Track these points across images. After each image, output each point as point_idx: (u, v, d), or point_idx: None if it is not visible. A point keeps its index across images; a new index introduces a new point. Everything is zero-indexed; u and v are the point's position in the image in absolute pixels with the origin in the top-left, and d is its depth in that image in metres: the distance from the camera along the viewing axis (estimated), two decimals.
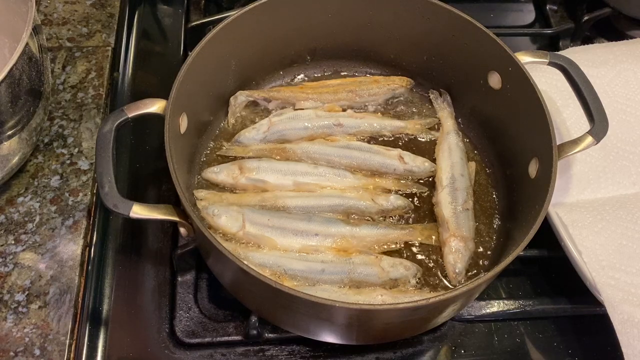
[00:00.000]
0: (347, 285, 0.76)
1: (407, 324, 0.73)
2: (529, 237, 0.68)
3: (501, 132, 0.88)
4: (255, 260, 0.77)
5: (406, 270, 0.78)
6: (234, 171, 0.85)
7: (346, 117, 0.91)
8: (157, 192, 0.90)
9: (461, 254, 0.79)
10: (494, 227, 0.84)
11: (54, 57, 0.96)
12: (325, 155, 0.87)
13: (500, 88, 0.85)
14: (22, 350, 0.73)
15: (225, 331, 0.79)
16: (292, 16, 0.90)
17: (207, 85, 0.86)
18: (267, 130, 0.90)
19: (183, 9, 1.12)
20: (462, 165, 0.87)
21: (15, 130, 0.76)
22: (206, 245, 0.69)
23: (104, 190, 0.69)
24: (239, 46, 0.88)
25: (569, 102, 0.90)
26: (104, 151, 0.71)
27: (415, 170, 0.88)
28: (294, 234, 0.79)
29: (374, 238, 0.81)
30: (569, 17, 1.16)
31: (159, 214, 0.70)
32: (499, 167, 0.89)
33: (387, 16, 0.91)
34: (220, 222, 0.79)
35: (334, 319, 0.68)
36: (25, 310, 0.75)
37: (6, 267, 0.78)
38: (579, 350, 0.82)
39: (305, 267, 0.76)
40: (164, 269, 0.83)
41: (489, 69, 0.86)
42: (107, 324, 0.79)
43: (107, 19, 1.02)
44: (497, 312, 0.83)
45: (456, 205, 0.83)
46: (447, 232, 0.81)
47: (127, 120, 0.74)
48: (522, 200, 0.80)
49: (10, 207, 0.82)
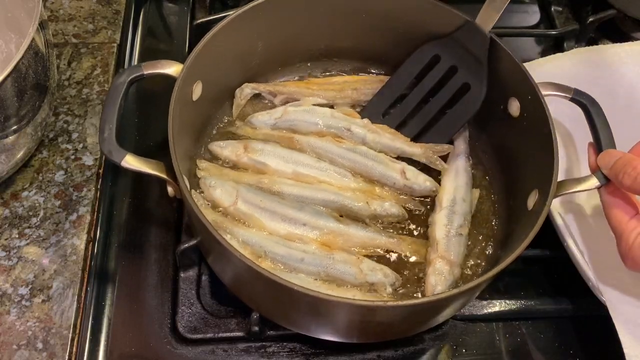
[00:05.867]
0: (323, 279, 0.77)
1: (408, 322, 0.73)
2: (527, 240, 0.67)
3: (512, 161, 0.86)
4: (239, 236, 0.78)
5: (384, 277, 0.77)
6: (238, 149, 0.86)
7: (359, 126, 0.90)
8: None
9: (444, 277, 0.77)
10: (486, 254, 0.83)
11: (59, 53, 0.96)
12: (330, 153, 0.87)
13: (518, 116, 0.83)
14: (25, 344, 0.73)
15: (227, 327, 0.79)
16: (306, 13, 0.90)
17: (229, 60, 0.87)
18: (279, 117, 0.90)
19: (188, 6, 1.12)
20: (466, 191, 0.85)
21: (21, 125, 0.77)
22: (189, 211, 0.70)
23: (103, 135, 0.71)
24: (267, 29, 0.88)
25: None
26: (113, 101, 0.73)
27: (415, 188, 0.86)
28: (282, 220, 0.80)
29: (360, 240, 0.81)
30: (574, 19, 1.16)
31: (149, 168, 0.71)
32: (504, 195, 0.87)
33: (406, 27, 0.90)
34: (215, 193, 0.81)
35: (318, 312, 0.68)
36: (28, 304, 0.76)
37: (10, 261, 0.78)
38: (580, 350, 0.82)
39: (286, 252, 0.77)
40: (167, 265, 0.84)
41: (510, 95, 0.84)
42: (110, 319, 0.79)
43: (113, 15, 1.03)
44: (499, 311, 0.83)
45: (450, 228, 0.81)
46: (435, 252, 0.79)
47: (141, 76, 0.76)
48: (516, 230, 0.79)
49: (15, 201, 0.83)
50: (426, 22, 0.89)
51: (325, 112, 0.91)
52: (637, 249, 0.68)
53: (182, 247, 0.78)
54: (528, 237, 0.67)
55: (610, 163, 0.72)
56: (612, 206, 0.72)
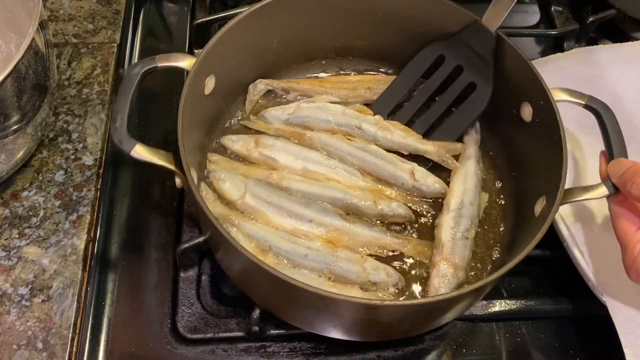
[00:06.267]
0: (326, 276, 0.77)
1: (408, 323, 0.73)
2: (530, 246, 0.67)
3: (522, 166, 0.85)
4: (245, 230, 0.78)
5: (387, 277, 0.77)
6: (249, 143, 0.87)
7: (370, 123, 0.89)
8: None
9: (447, 280, 0.77)
10: (492, 259, 0.82)
11: (59, 53, 0.96)
12: (340, 151, 0.87)
13: (530, 121, 0.83)
14: (25, 344, 0.73)
15: (227, 327, 0.79)
16: (321, 11, 0.90)
17: (243, 55, 0.87)
18: (292, 113, 0.90)
19: (189, 6, 1.12)
20: (475, 194, 0.85)
21: (21, 125, 0.76)
22: (196, 204, 0.70)
23: (115, 124, 0.71)
24: (282, 26, 0.88)
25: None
26: (126, 91, 0.74)
27: (423, 189, 0.85)
28: (289, 215, 0.80)
29: (365, 239, 0.80)
30: (574, 19, 1.16)
31: (158, 159, 0.71)
32: (513, 201, 0.86)
33: (420, 26, 0.91)
34: (223, 186, 0.82)
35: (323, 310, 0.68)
36: (28, 304, 0.76)
37: (10, 260, 0.78)
38: (580, 350, 0.82)
39: (290, 248, 0.77)
40: (167, 265, 0.84)
41: (523, 100, 0.83)
42: (110, 319, 0.79)
43: (113, 15, 1.03)
44: (499, 311, 0.83)
45: (457, 231, 0.80)
46: (440, 255, 0.79)
47: (155, 69, 0.76)
48: (521, 236, 0.78)
49: (15, 201, 0.83)
50: (438, 21, 0.89)
51: (337, 109, 0.91)
52: None
53: (182, 247, 0.78)
54: (531, 244, 0.67)
55: (620, 172, 0.70)
56: (619, 216, 0.71)
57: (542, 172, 0.79)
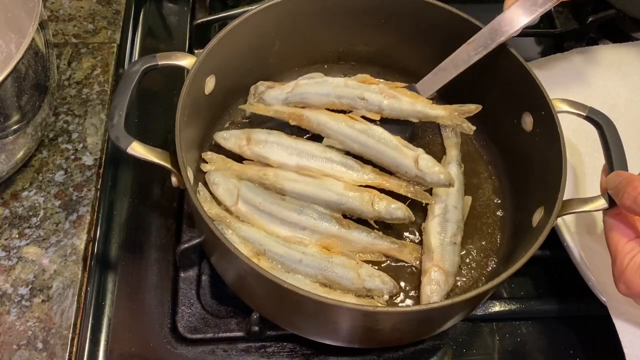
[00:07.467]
0: (320, 281, 0.76)
1: (401, 330, 0.72)
2: (526, 257, 0.68)
3: (521, 176, 0.85)
4: (240, 232, 0.78)
5: (382, 284, 0.76)
6: (242, 140, 0.84)
7: (373, 92, 0.84)
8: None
9: (439, 287, 0.76)
10: (488, 269, 0.82)
11: (59, 53, 0.96)
12: (341, 135, 0.83)
13: (531, 131, 0.82)
14: (25, 344, 0.73)
15: (227, 327, 0.79)
16: (325, 14, 0.90)
17: (245, 56, 0.87)
18: (290, 91, 0.87)
19: (188, 6, 1.12)
20: (458, 198, 0.84)
21: (21, 125, 0.77)
22: (191, 204, 0.70)
23: (112, 121, 0.71)
24: (284, 28, 0.88)
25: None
26: (125, 88, 0.74)
27: (427, 179, 0.80)
28: (282, 223, 0.79)
29: (361, 245, 0.79)
30: (574, 18, 1.16)
31: (154, 157, 0.71)
32: (512, 211, 0.86)
33: (423, 35, 0.90)
34: (217, 192, 0.81)
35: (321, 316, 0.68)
36: (28, 304, 0.76)
37: (10, 261, 0.78)
38: (580, 350, 0.82)
39: (284, 252, 0.76)
40: (167, 265, 0.84)
41: (525, 110, 0.83)
42: (110, 319, 0.79)
43: (113, 15, 1.03)
44: (499, 311, 0.83)
45: (444, 237, 0.80)
46: (431, 261, 0.78)
47: (155, 67, 0.76)
48: (518, 247, 0.78)
49: (15, 201, 0.83)
50: (444, 30, 0.87)
51: (338, 82, 0.87)
52: (629, 273, 0.67)
53: (182, 247, 0.78)
54: (527, 255, 0.67)
55: (615, 183, 0.70)
56: (612, 228, 0.71)
57: (540, 182, 0.79)
